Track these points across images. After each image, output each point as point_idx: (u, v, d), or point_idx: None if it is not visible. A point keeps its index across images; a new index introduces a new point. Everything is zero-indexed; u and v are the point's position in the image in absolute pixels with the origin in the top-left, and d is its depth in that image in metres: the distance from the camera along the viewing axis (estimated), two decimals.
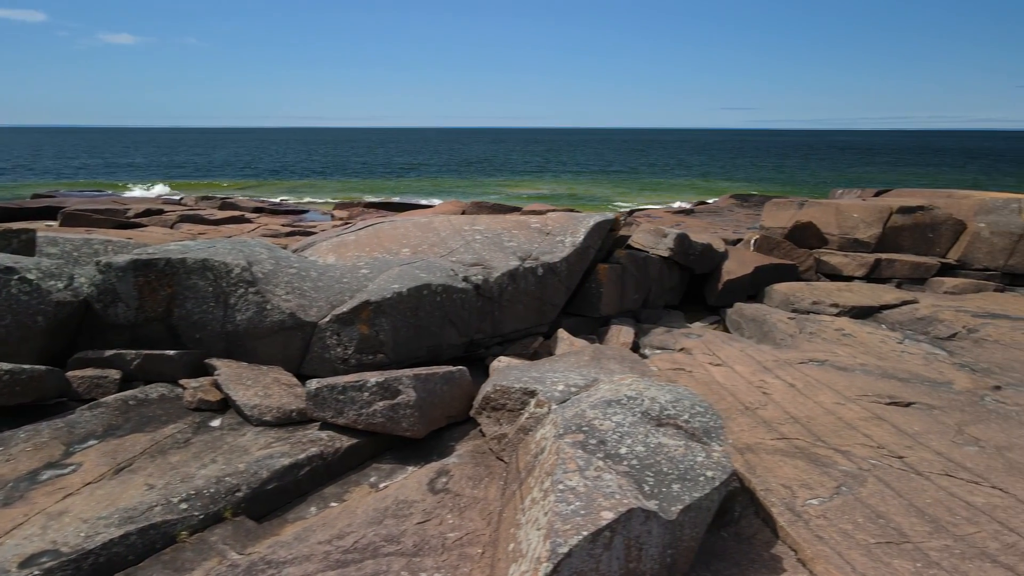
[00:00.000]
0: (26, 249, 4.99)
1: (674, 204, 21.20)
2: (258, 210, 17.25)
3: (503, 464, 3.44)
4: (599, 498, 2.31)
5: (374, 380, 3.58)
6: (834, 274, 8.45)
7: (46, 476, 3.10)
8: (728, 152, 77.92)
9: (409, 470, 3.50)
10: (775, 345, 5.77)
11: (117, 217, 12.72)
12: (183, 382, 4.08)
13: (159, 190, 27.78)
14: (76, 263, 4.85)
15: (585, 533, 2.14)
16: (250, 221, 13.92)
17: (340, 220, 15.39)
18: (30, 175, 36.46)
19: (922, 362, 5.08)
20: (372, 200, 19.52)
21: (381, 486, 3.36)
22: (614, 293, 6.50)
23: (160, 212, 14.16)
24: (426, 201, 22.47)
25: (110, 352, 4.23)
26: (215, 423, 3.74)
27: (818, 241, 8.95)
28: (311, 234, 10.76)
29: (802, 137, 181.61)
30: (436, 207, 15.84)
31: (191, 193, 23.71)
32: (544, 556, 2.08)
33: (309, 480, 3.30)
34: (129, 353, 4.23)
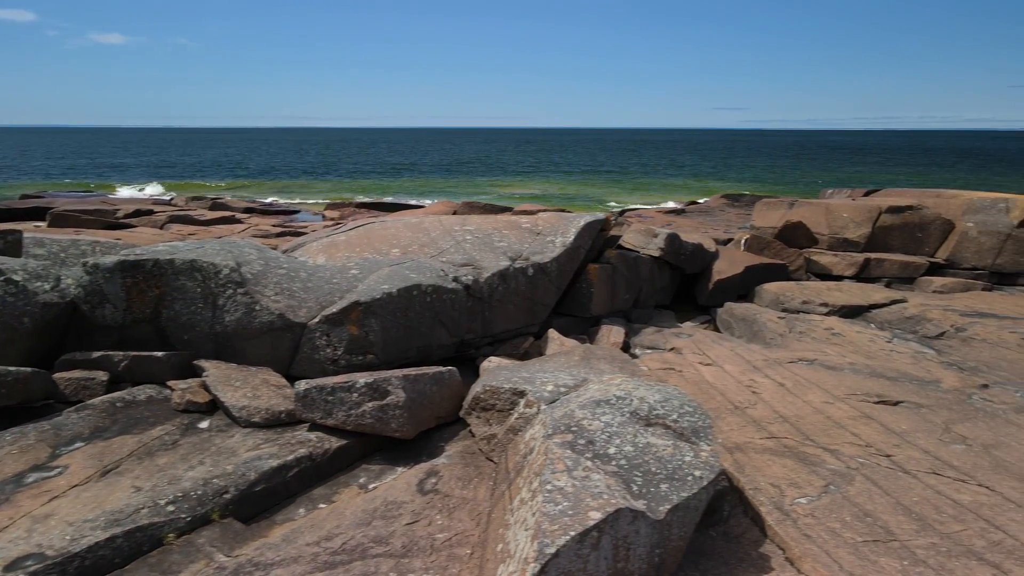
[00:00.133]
0: (12, 250, 4.95)
1: (665, 204, 21.25)
2: (249, 210, 17.21)
3: (493, 464, 3.43)
4: (587, 498, 2.31)
5: (363, 381, 3.57)
6: (824, 273, 8.49)
7: (32, 479, 3.08)
8: (720, 152, 78.17)
9: (398, 471, 3.50)
10: (765, 344, 5.79)
11: (106, 218, 12.65)
12: (171, 383, 4.06)
13: (151, 190, 27.66)
14: (63, 264, 4.82)
15: (573, 533, 2.14)
16: (241, 222, 13.87)
17: (331, 220, 15.36)
18: (19, 176, 36.22)
19: (910, 361, 5.11)
20: (364, 200, 19.49)
21: (370, 487, 3.35)
22: (605, 293, 6.51)
23: (150, 212, 14.10)
24: (418, 201, 22.44)
25: (97, 354, 4.20)
26: (203, 425, 3.72)
27: (808, 241, 8.99)
28: (302, 234, 10.73)
29: (794, 137, 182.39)
30: (427, 207, 15.82)
31: (182, 193, 23.61)
32: (532, 556, 2.08)
33: (298, 481, 3.29)
34: (117, 355, 4.20)
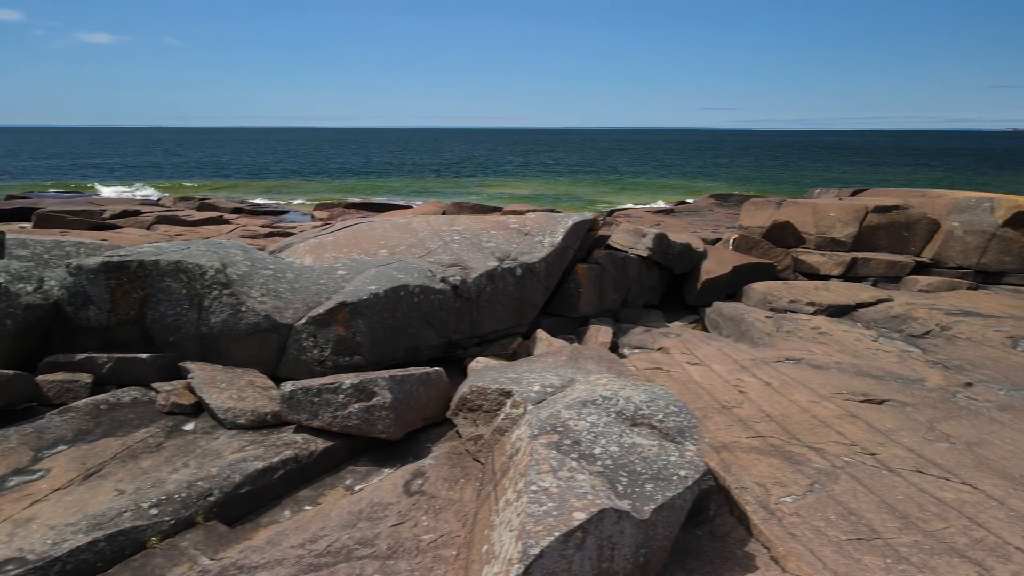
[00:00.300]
0: None
1: (654, 204, 21.31)
2: (237, 211, 17.10)
3: (479, 465, 3.43)
4: (572, 499, 2.31)
5: (349, 382, 3.56)
6: (811, 273, 8.53)
7: (13, 483, 3.04)
8: (709, 152, 78.47)
9: (385, 472, 3.48)
10: (752, 344, 5.81)
11: (93, 218, 12.55)
12: (156, 385, 4.03)
13: (137, 190, 27.46)
14: (47, 265, 4.77)
15: (557, 534, 2.13)
16: (228, 222, 13.78)
17: (320, 221, 15.30)
18: (4, 176, 35.87)
19: (896, 360, 5.14)
20: (353, 200, 19.44)
21: (356, 489, 3.33)
22: (593, 293, 6.52)
23: (137, 213, 13.98)
24: (407, 201, 22.40)
25: (81, 356, 4.16)
26: (188, 427, 3.70)
27: (796, 240, 9.03)
28: (290, 235, 10.68)
29: (782, 137, 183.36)
30: (416, 207, 15.80)
31: (170, 194, 23.46)
32: (516, 558, 2.08)
33: (283, 483, 3.27)
34: (101, 357, 4.17)
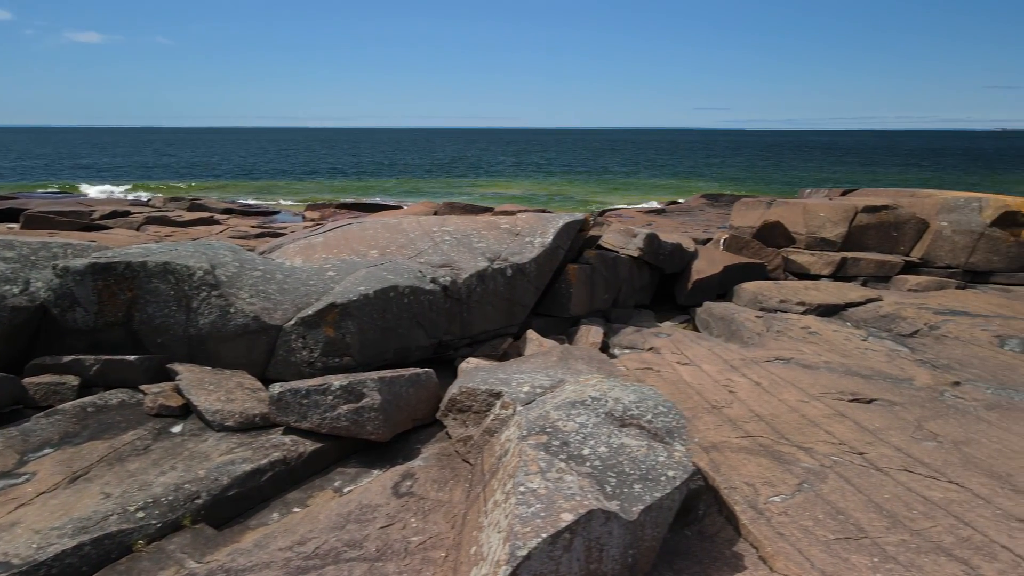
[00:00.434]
0: None
1: (646, 204, 21.35)
2: (228, 211, 17.05)
3: (469, 466, 3.42)
4: (560, 500, 2.31)
5: (338, 383, 3.55)
6: (801, 273, 8.56)
7: None
8: (700, 152, 78.69)
9: (374, 474, 3.48)
10: (743, 344, 5.83)
11: (82, 219, 12.47)
12: (144, 388, 4.01)
13: (129, 191, 27.30)
14: (33, 267, 4.73)
15: (545, 535, 2.13)
16: (219, 223, 13.73)
17: (311, 221, 15.25)
18: None
19: (885, 359, 5.17)
20: (345, 201, 19.39)
21: (345, 490, 3.32)
22: (584, 293, 6.52)
23: (126, 214, 13.91)
24: (399, 202, 22.37)
25: (68, 358, 4.13)
26: (176, 429, 3.68)
27: (786, 240, 9.06)
28: (280, 236, 10.65)
29: (773, 137, 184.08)
30: (408, 208, 15.77)
31: (161, 194, 23.35)
32: (503, 559, 2.07)
33: (271, 486, 3.26)
34: (88, 359, 4.14)
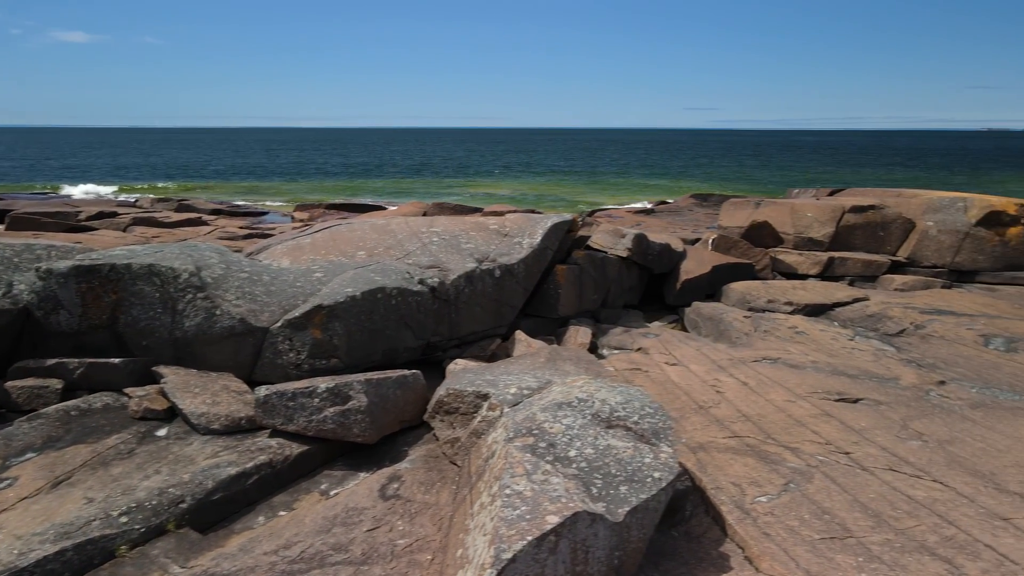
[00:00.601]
0: None
1: (635, 204, 21.40)
2: (216, 212, 16.95)
3: (456, 468, 3.42)
4: (545, 502, 2.31)
5: (324, 386, 3.53)
6: (789, 272, 8.60)
7: None
8: (689, 152, 78.96)
9: (361, 476, 3.46)
10: (730, 344, 5.85)
11: (68, 220, 12.36)
12: (128, 391, 3.97)
13: (118, 193, 27.11)
14: (16, 269, 4.68)
15: (530, 538, 2.13)
16: (207, 223, 13.64)
17: (300, 222, 15.19)
18: None
19: (871, 358, 5.20)
20: (334, 202, 19.33)
21: (332, 493, 3.31)
22: (572, 294, 6.52)
23: (113, 215, 13.79)
24: (389, 202, 22.31)
25: (52, 361, 4.10)
26: (161, 432, 3.65)
27: (774, 240, 9.10)
28: (269, 236, 10.60)
29: (762, 137, 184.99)
30: (397, 208, 15.73)
31: (149, 195, 23.20)
32: (488, 562, 2.07)
33: (257, 489, 3.24)
34: (72, 362, 4.10)
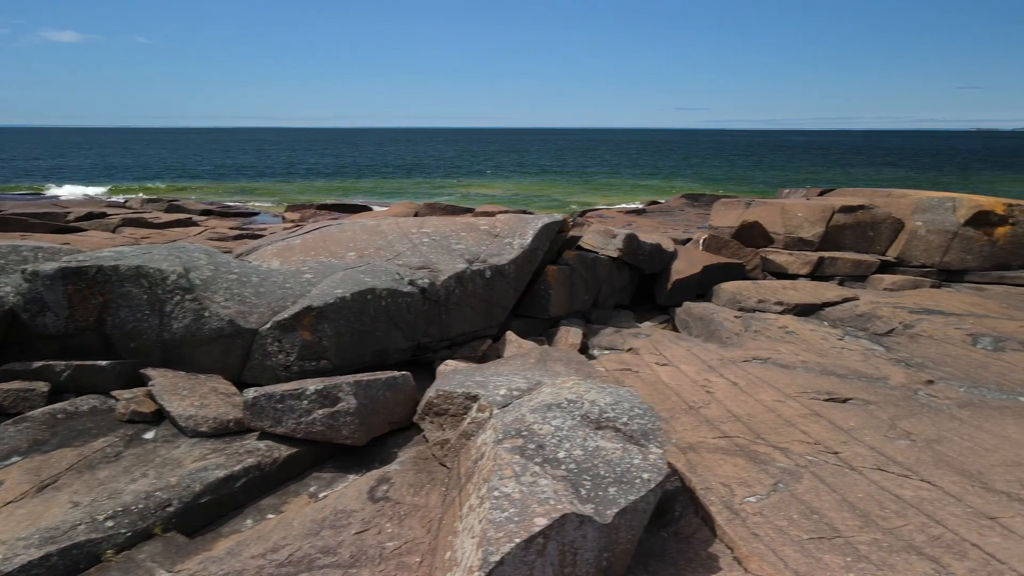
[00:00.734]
0: None
1: (627, 204, 21.43)
2: (206, 212, 16.87)
3: (446, 470, 3.41)
4: (533, 504, 2.30)
5: (313, 388, 3.52)
6: (780, 272, 8.63)
7: None
8: (681, 151, 79.15)
9: (350, 478, 3.45)
10: (721, 344, 5.86)
11: (56, 221, 12.28)
12: (116, 393, 3.94)
13: (101, 192, 26.94)
14: (2, 271, 4.64)
15: (518, 540, 2.12)
16: (197, 224, 13.58)
17: (291, 223, 15.14)
18: None
19: (860, 358, 5.22)
20: (325, 202, 19.28)
21: (321, 496, 3.29)
22: (563, 294, 6.53)
23: (103, 216, 13.71)
24: (380, 202, 22.27)
25: (38, 363, 4.06)
26: (149, 435, 3.62)
27: (764, 240, 9.13)
28: (259, 237, 10.55)
29: (754, 136, 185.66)
30: (388, 208, 15.70)
31: (139, 195, 23.08)
32: (476, 565, 2.06)
33: (245, 492, 3.22)
34: (58, 364, 4.07)
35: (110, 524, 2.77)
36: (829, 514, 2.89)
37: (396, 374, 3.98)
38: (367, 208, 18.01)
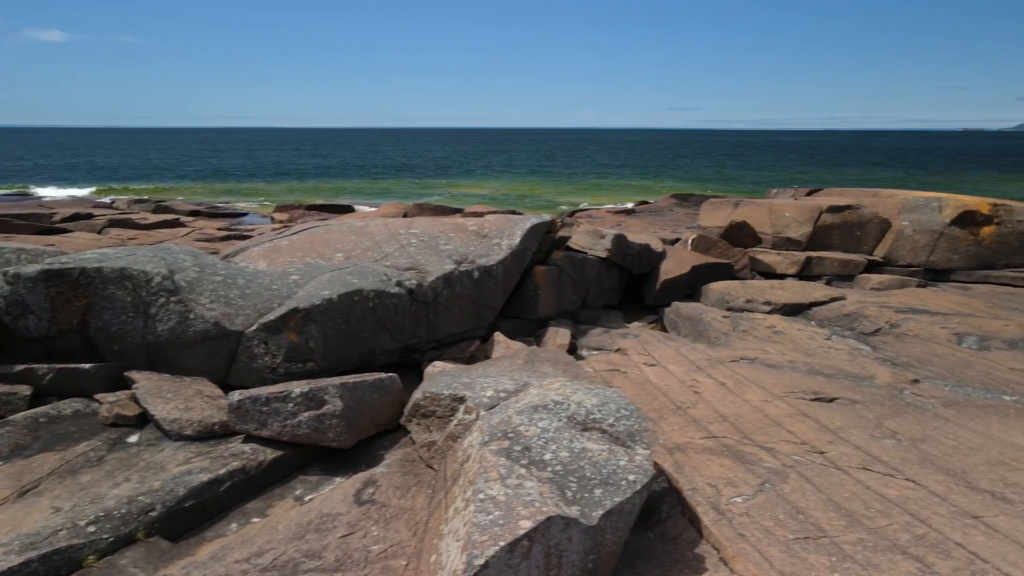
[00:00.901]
0: None
1: (616, 204, 21.46)
2: (194, 213, 16.76)
3: (433, 472, 3.39)
4: (518, 507, 2.29)
5: (298, 390, 3.50)
6: (768, 272, 8.65)
7: None
8: (670, 152, 79.36)
9: (336, 481, 3.43)
10: (709, 344, 5.87)
11: (41, 222, 12.16)
12: (99, 397, 3.91)
13: (87, 192, 26.72)
14: None
15: (502, 543, 2.11)
16: (184, 225, 13.48)
17: (279, 223, 15.06)
18: None
19: (847, 358, 5.24)
20: (314, 202, 19.20)
21: (306, 499, 3.27)
22: (552, 295, 6.52)
23: (89, 217, 13.58)
24: (370, 203, 22.20)
25: (20, 367, 4.01)
26: (132, 439, 3.59)
27: (753, 240, 9.16)
28: (247, 238, 10.49)
29: (743, 137, 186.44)
30: (377, 209, 15.65)
31: (126, 196, 22.92)
32: (460, 569, 2.05)
33: (230, 496, 3.20)
34: (41, 367, 4.02)
35: (92, 529, 2.74)
36: (815, 514, 2.90)
37: (383, 376, 3.96)
38: (358, 208, 17.95)
